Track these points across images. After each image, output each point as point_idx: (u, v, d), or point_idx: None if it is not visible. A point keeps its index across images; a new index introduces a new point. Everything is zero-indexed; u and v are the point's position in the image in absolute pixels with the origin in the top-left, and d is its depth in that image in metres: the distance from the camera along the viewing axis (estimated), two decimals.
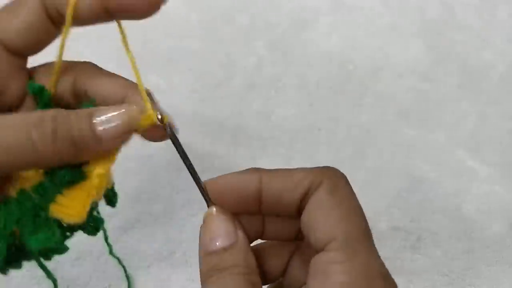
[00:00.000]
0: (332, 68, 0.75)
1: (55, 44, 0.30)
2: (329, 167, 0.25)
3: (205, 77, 0.72)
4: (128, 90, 0.27)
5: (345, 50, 0.78)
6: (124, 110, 0.25)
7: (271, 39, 0.78)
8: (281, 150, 0.66)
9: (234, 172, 0.26)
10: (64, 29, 0.28)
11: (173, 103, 0.67)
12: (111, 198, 0.29)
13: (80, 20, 0.27)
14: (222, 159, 0.64)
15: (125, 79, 0.29)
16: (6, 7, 0.27)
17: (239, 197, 0.25)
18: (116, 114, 0.24)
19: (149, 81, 0.33)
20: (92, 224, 0.27)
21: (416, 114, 0.71)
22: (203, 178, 0.27)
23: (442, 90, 0.74)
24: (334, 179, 0.24)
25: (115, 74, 0.29)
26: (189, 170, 0.26)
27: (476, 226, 0.61)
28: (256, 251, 0.26)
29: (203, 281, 0.24)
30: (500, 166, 0.67)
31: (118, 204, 0.31)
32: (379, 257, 0.23)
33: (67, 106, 0.28)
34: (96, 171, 0.25)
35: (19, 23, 0.26)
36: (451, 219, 0.62)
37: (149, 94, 0.28)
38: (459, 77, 0.76)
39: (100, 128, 0.24)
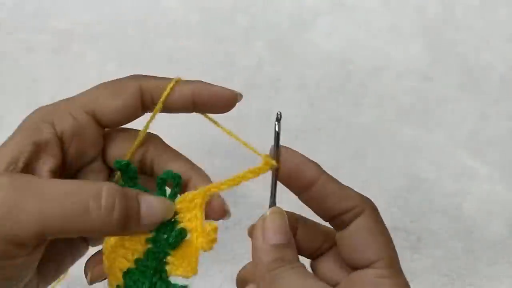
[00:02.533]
0: (332, 68, 0.75)
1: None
2: (367, 198, 0.29)
3: (205, 77, 0.72)
4: (192, 174, 0.30)
5: (345, 50, 0.78)
6: (166, 202, 0.28)
7: (271, 39, 0.78)
8: None
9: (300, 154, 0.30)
10: (152, 115, 0.30)
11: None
12: None
13: (168, 108, 0.30)
14: (222, 158, 0.64)
15: (188, 160, 0.32)
16: (108, 86, 0.30)
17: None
18: (159, 203, 0.27)
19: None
20: None
21: (416, 114, 0.71)
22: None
23: (442, 90, 0.74)
24: (375, 210, 0.28)
25: (179, 153, 0.32)
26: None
27: (476, 226, 0.61)
28: None
29: (269, 270, 0.26)
30: (500, 166, 0.67)
31: None
32: None
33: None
34: (209, 230, 0.28)
35: (119, 105, 0.29)
36: (451, 219, 0.62)
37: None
38: (459, 77, 0.76)
39: (144, 208, 0.26)
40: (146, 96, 0.30)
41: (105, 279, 0.30)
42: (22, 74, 0.72)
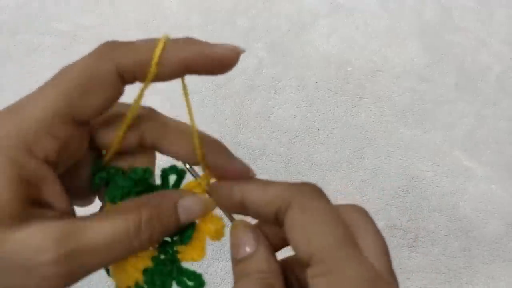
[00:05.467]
0: (330, 70, 0.76)
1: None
2: (302, 183, 0.25)
3: (206, 78, 0.73)
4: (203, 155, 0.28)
5: (343, 52, 0.79)
6: (204, 201, 0.26)
7: (271, 41, 0.79)
8: (281, 150, 0.66)
9: (224, 182, 0.27)
10: (138, 95, 0.26)
11: (174, 104, 0.68)
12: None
13: (156, 80, 0.26)
14: None
15: (196, 136, 0.29)
16: (79, 80, 0.24)
17: (231, 205, 0.27)
18: (197, 205, 0.26)
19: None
20: None
21: (413, 114, 0.72)
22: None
23: (439, 91, 0.75)
24: (304, 197, 0.24)
25: (184, 127, 0.27)
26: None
27: (472, 225, 0.62)
28: (289, 260, 0.28)
29: (235, 282, 0.25)
30: (496, 165, 0.67)
31: None
32: (365, 261, 0.23)
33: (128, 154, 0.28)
34: (214, 231, 0.26)
35: (98, 104, 0.24)
36: (448, 218, 0.62)
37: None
38: (456, 78, 0.77)
39: (183, 216, 0.26)
40: (127, 77, 0.25)
41: None
42: (25, 75, 0.73)
